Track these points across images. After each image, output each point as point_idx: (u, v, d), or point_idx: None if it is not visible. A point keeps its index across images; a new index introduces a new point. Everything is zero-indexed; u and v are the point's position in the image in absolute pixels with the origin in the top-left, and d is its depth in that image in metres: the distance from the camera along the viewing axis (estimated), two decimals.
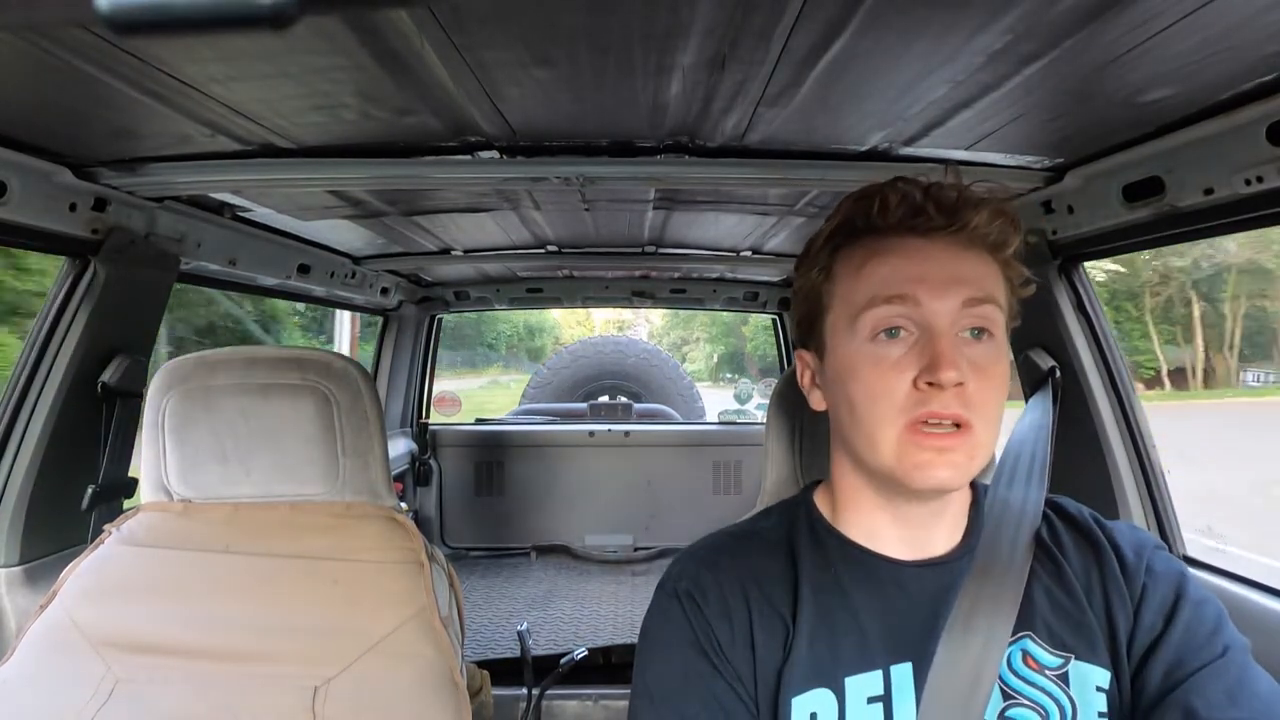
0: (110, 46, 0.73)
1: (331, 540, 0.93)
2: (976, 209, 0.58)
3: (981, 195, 0.59)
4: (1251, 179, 0.86)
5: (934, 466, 0.56)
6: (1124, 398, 1.26)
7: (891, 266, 0.59)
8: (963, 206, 0.58)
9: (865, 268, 0.60)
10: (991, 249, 0.60)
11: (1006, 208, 0.59)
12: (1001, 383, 0.59)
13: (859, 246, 0.61)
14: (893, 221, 0.60)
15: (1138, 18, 0.67)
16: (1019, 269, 0.62)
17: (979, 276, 0.58)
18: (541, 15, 0.71)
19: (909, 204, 0.59)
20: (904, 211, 0.59)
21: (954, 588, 0.60)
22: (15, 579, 1.12)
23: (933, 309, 0.57)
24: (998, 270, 0.60)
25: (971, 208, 0.58)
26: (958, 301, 0.57)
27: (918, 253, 0.58)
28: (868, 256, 0.60)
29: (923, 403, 0.56)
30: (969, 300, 0.57)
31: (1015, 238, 0.60)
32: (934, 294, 0.57)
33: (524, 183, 1.27)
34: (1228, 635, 0.57)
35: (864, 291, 0.59)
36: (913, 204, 0.59)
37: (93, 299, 1.19)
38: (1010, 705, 0.58)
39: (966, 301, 0.57)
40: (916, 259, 0.58)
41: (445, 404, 3.23)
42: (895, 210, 0.59)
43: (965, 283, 0.57)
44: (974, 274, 0.58)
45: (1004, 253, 0.60)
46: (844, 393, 0.61)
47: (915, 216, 0.59)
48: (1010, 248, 0.60)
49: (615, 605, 2.62)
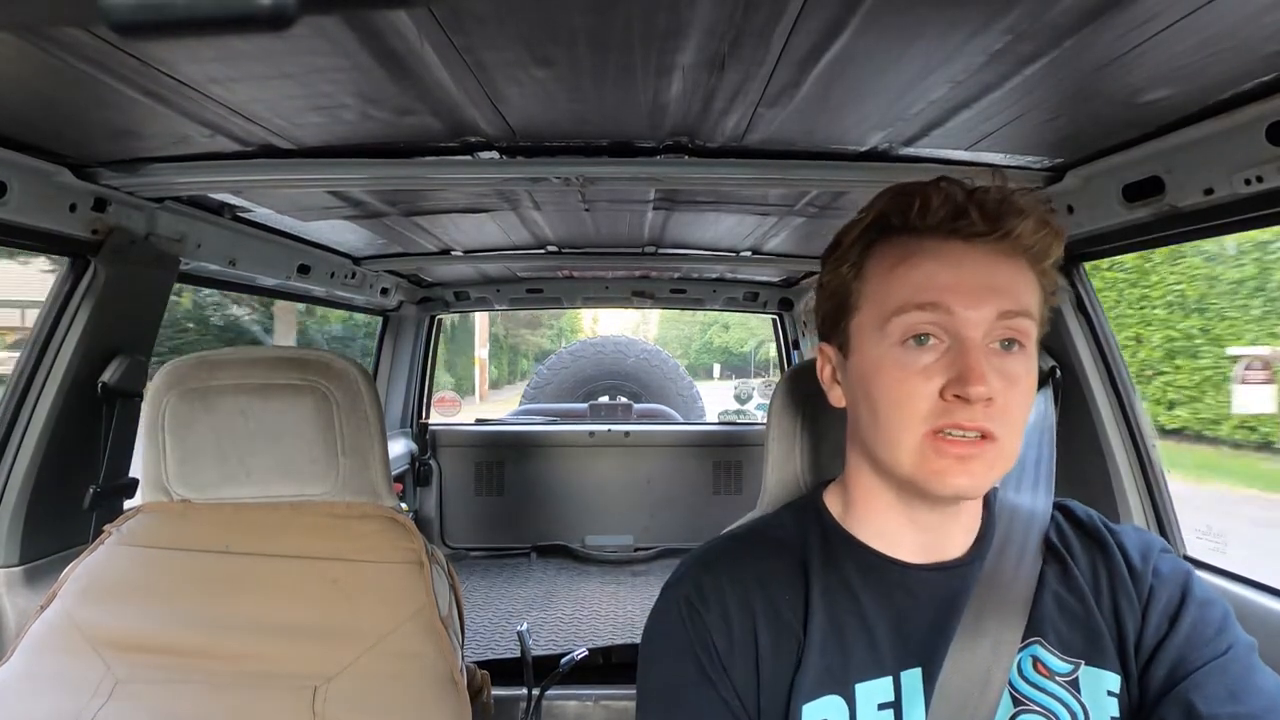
0: (110, 46, 0.73)
1: (331, 540, 0.93)
2: (1021, 217, 0.55)
3: (1026, 202, 0.57)
4: (1251, 179, 0.86)
5: (953, 474, 0.55)
6: (1124, 398, 1.26)
7: (926, 271, 0.56)
8: (1007, 213, 0.56)
9: (899, 269, 0.58)
10: (1033, 259, 0.58)
11: (1051, 219, 0.57)
12: (1029, 393, 0.57)
13: (894, 245, 0.59)
14: (932, 223, 0.57)
15: (1138, 18, 0.67)
16: (1054, 277, 0.60)
17: (1016, 287, 0.56)
18: (541, 15, 0.71)
19: (951, 205, 0.56)
20: (946, 213, 0.56)
21: (964, 592, 0.60)
22: (15, 579, 1.12)
23: (966, 318, 0.55)
24: (1035, 280, 0.58)
25: (1016, 215, 0.55)
26: (992, 312, 0.55)
27: (955, 258, 0.56)
28: (903, 257, 0.58)
29: (948, 413, 0.54)
30: (1004, 313, 0.55)
31: (1057, 249, 0.58)
32: (968, 303, 0.55)
33: (524, 183, 1.27)
34: (1232, 634, 0.57)
35: (896, 295, 0.57)
36: (955, 206, 0.56)
37: (93, 299, 1.19)
38: (1020, 711, 0.57)
39: (1002, 314, 0.55)
40: (953, 265, 0.56)
41: (445, 404, 3.23)
42: (936, 211, 0.57)
43: (1001, 293, 0.55)
44: (1011, 285, 0.56)
45: (1044, 263, 0.58)
46: (866, 394, 0.59)
47: (957, 219, 0.56)
48: (1050, 259, 0.58)
49: (615, 605, 2.62)
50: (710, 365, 23.58)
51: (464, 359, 15.52)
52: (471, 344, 15.70)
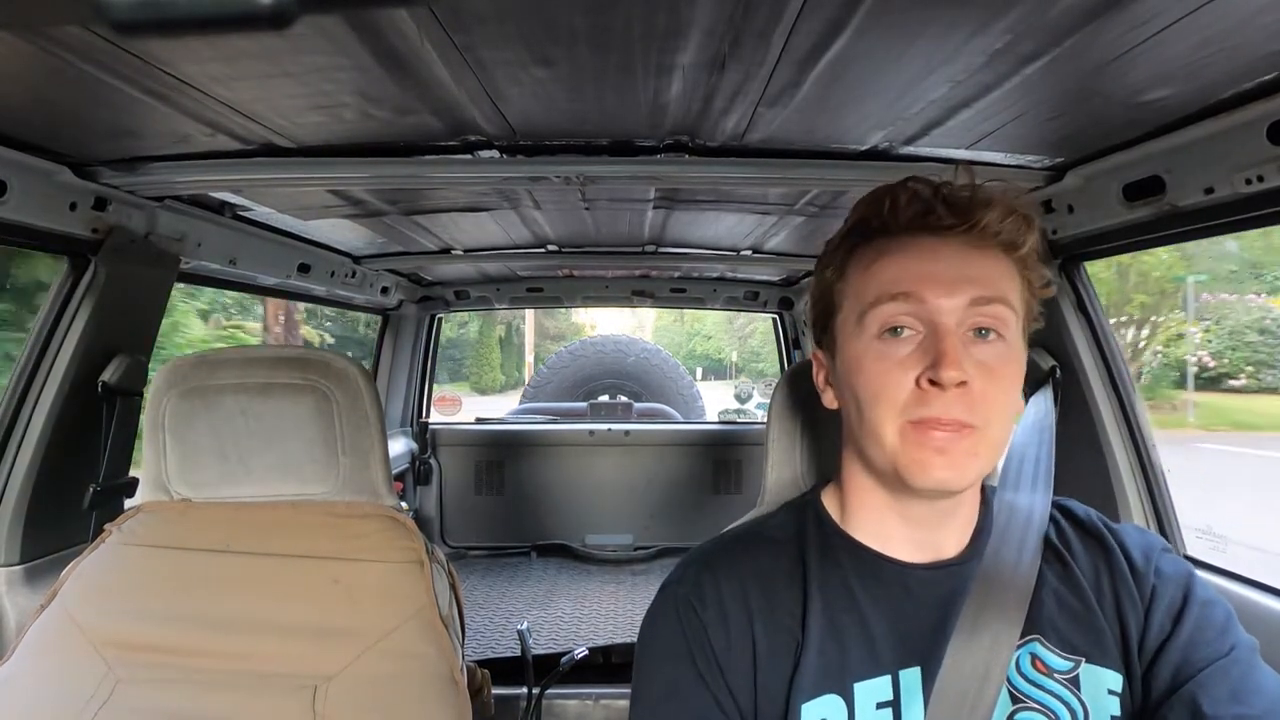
0: (110, 46, 0.73)
1: (331, 540, 0.93)
2: (988, 207, 0.57)
3: (994, 194, 0.59)
4: (1252, 178, 0.86)
5: (933, 466, 0.55)
6: (1124, 398, 1.26)
7: (900, 265, 0.58)
8: (974, 205, 0.58)
9: (875, 266, 0.60)
10: (1005, 248, 0.59)
11: (1019, 205, 0.59)
12: (1011, 384, 0.58)
13: (871, 246, 0.61)
14: (904, 221, 0.59)
15: (1138, 18, 0.67)
16: (1039, 270, 0.61)
17: (990, 275, 0.58)
18: (541, 15, 0.71)
19: (919, 203, 0.59)
20: (915, 210, 0.59)
21: (962, 590, 0.60)
22: (15, 579, 1.12)
23: (938, 306, 0.56)
24: (1012, 270, 0.59)
25: (983, 206, 0.57)
26: (965, 300, 0.56)
27: (928, 251, 0.58)
28: (878, 255, 0.60)
29: (924, 403, 0.55)
30: (977, 299, 0.56)
31: (1029, 236, 0.59)
32: (940, 292, 0.56)
33: (524, 182, 1.27)
34: (1235, 634, 0.57)
35: (872, 289, 0.59)
36: (923, 203, 0.59)
37: (93, 298, 1.19)
38: (1019, 709, 0.57)
39: (974, 300, 0.56)
40: (925, 257, 0.58)
41: (445, 403, 3.23)
42: (906, 209, 0.59)
43: (974, 281, 0.57)
44: (984, 273, 0.58)
45: (1018, 251, 0.59)
46: (851, 390, 0.60)
47: (926, 215, 0.58)
48: (1024, 246, 0.59)
49: (615, 605, 2.62)
50: (695, 368, 25.15)
51: (511, 362, 20.26)
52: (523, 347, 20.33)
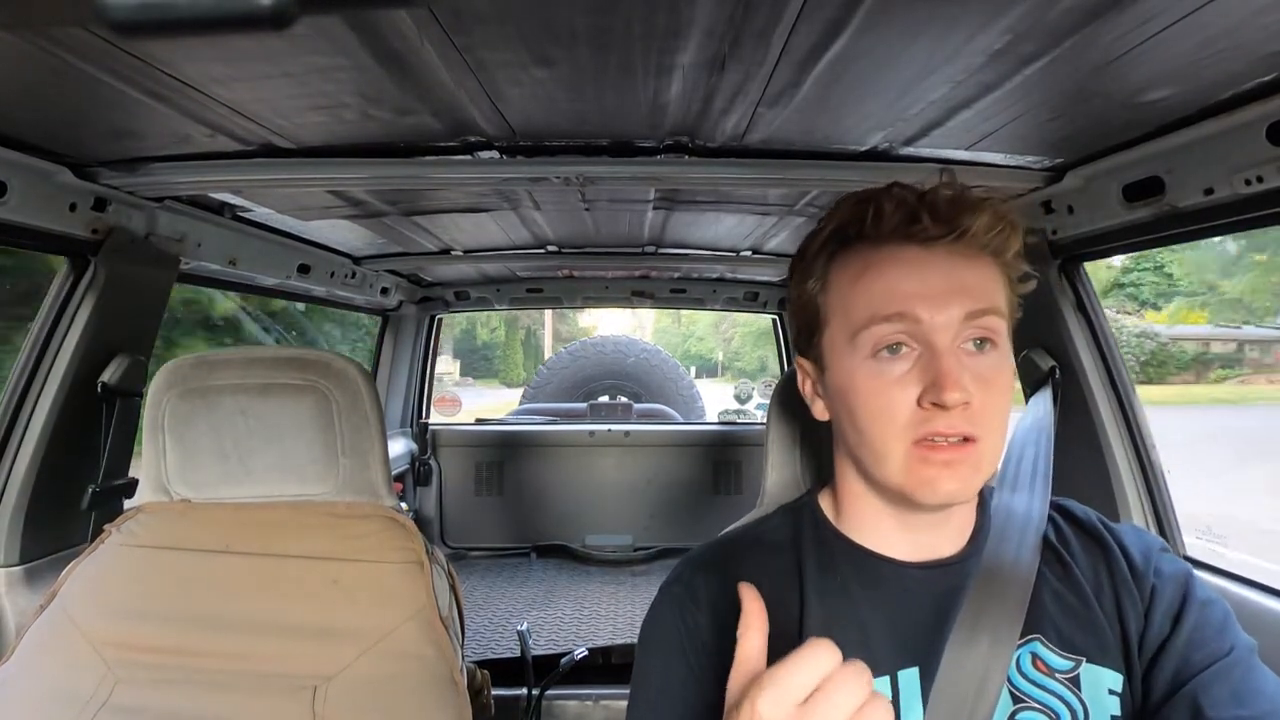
0: (110, 46, 0.73)
1: (331, 540, 0.93)
2: (974, 214, 0.56)
3: (979, 199, 0.57)
4: (1251, 179, 0.86)
5: (941, 481, 0.55)
6: (1124, 398, 1.26)
7: (888, 281, 0.57)
8: (960, 212, 0.56)
9: (861, 281, 0.58)
10: (993, 254, 0.58)
11: (1005, 211, 0.57)
12: (1006, 391, 0.57)
13: (854, 256, 0.60)
14: (888, 230, 0.57)
15: (1138, 18, 0.67)
16: (1018, 265, 0.60)
17: (980, 285, 0.57)
18: (541, 15, 0.71)
19: (904, 211, 0.57)
20: (900, 219, 0.57)
21: (960, 590, 0.60)
22: (15, 579, 1.12)
23: (933, 324, 0.55)
24: (998, 273, 0.59)
25: (969, 213, 0.56)
26: (959, 314, 0.55)
27: (915, 264, 0.57)
28: (864, 268, 0.58)
29: (927, 421, 0.55)
30: (971, 313, 0.55)
31: (1016, 240, 0.58)
32: (934, 309, 0.55)
33: (524, 183, 1.27)
34: (1234, 635, 0.57)
35: (862, 307, 0.58)
36: (908, 211, 0.57)
37: (93, 299, 1.19)
38: (1020, 709, 0.57)
39: (969, 314, 0.55)
40: (914, 271, 0.56)
41: (445, 404, 3.22)
42: (890, 218, 0.57)
43: (966, 294, 0.56)
44: (975, 283, 0.56)
45: (1005, 256, 0.59)
46: (847, 408, 0.60)
47: (911, 224, 0.57)
48: (1011, 250, 0.59)
49: (615, 605, 2.61)
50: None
51: (531, 361, 21.81)
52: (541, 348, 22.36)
